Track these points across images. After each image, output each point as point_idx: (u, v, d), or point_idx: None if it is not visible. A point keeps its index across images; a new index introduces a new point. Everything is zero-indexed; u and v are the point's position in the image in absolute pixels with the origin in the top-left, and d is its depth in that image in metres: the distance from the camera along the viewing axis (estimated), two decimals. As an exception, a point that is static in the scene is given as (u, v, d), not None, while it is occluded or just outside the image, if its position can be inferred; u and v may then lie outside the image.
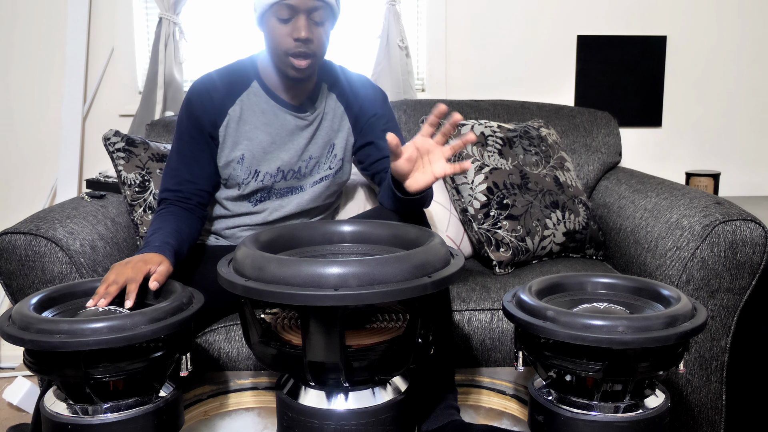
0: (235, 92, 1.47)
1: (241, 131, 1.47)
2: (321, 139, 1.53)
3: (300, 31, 1.34)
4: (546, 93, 2.35)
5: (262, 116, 1.48)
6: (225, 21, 2.35)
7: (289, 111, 1.49)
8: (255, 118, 1.48)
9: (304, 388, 1.11)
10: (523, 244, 1.77)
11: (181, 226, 1.38)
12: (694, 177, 2.25)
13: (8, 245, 1.43)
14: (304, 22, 1.35)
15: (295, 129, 1.50)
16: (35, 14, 2.30)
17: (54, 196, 2.35)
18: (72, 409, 1.07)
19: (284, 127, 1.49)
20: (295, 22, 1.35)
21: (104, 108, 2.36)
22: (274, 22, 1.37)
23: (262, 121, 1.48)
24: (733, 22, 2.35)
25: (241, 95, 1.48)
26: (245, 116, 1.47)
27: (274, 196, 1.54)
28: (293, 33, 1.35)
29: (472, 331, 1.54)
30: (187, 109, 1.47)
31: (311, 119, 1.51)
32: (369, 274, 0.97)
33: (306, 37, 1.35)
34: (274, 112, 1.48)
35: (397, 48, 2.27)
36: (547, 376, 1.12)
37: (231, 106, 1.47)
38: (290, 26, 1.36)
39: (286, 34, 1.36)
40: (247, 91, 1.48)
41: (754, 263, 1.49)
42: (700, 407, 1.58)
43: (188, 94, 1.48)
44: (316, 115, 1.52)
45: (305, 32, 1.34)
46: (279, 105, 1.49)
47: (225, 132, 1.47)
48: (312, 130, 1.51)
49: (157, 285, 1.18)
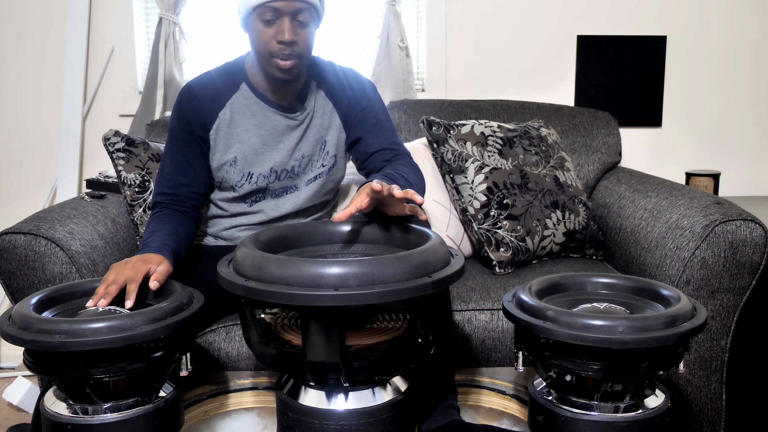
0: (225, 95, 1.47)
1: (232, 134, 1.47)
2: (312, 137, 1.53)
3: (284, 33, 1.35)
4: (546, 93, 2.35)
5: (253, 118, 1.48)
6: (225, 21, 2.35)
7: (278, 112, 1.49)
8: (245, 120, 1.48)
9: (304, 388, 1.11)
10: (523, 244, 1.77)
11: (177, 228, 1.38)
12: (694, 177, 2.25)
13: (8, 245, 1.43)
14: (288, 24, 1.35)
15: (285, 129, 1.50)
16: (35, 14, 2.30)
17: (54, 196, 2.35)
18: (72, 409, 1.07)
19: (275, 128, 1.49)
20: (279, 24, 1.35)
21: (104, 108, 2.36)
22: (258, 25, 1.36)
23: (252, 123, 1.48)
24: (733, 22, 2.35)
25: (231, 98, 1.47)
26: (235, 119, 1.47)
27: (269, 197, 1.54)
28: (277, 35, 1.35)
29: (472, 331, 1.54)
30: (178, 114, 1.47)
31: (301, 119, 1.51)
32: (369, 274, 0.97)
33: (290, 39, 1.35)
34: (264, 113, 1.48)
35: (397, 48, 2.27)
36: (547, 376, 1.12)
37: (221, 109, 1.47)
38: (274, 28, 1.36)
39: (270, 37, 1.36)
40: (236, 94, 1.48)
41: (754, 263, 1.49)
42: (700, 407, 1.58)
43: (178, 98, 1.48)
44: (306, 114, 1.52)
45: (289, 35, 1.35)
46: (268, 106, 1.49)
47: (216, 135, 1.47)
48: (302, 129, 1.51)
49: (158, 285, 1.18)
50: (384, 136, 1.52)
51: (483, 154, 1.85)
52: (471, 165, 1.84)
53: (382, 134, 1.52)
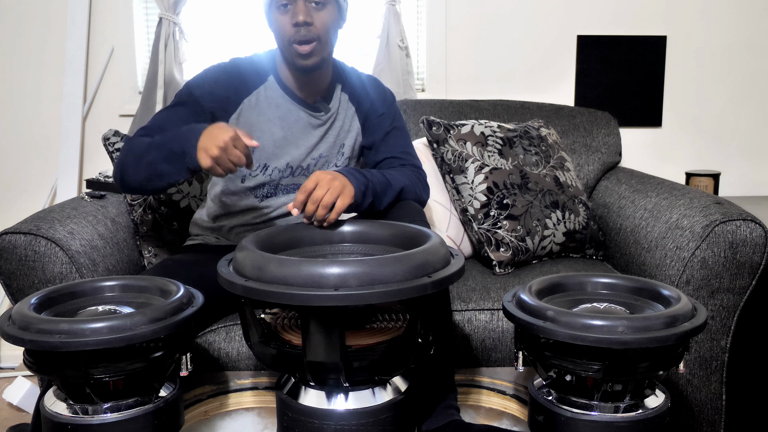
0: (252, 84, 1.49)
1: (254, 123, 1.48)
2: (332, 138, 1.54)
3: (298, 15, 1.36)
4: (546, 93, 2.35)
5: (277, 110, 1.49)
6: (225, 21, 2.35)
7: (303, 108, 1.50)
8: (270, 111, 1.49)
9: (304, 388, 1.11)
10: (523, 244, 1.77)
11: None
12: (694, 177, 2.25)
13: (8, 245, 1.43)
14: (302, 7, 1.37)
15: (307, 126, 1.51)
16: (35, 14, 2.30)
17: (54, 196, 2.35)
18: (72, 409, 1.07)
19: (297, 124, 1.50)
20: (294, 8, 1.37)
21: (104, 108, 2.36)
22: (276, 14, 1.40)
23: (276, 115, 1.49)
24: (733, 22, 2.35)
25: (258, 88, 1.49)
26: (260, 108, 1.49)
27: (280, 192, 1.54)
28: (292, 19, 1.37)
29: (472, 331, 1.54)
30: (201, 80, 1.46)
31: (324, 119, 1.52)
32: (369, 274, 0.97)
33: (304, 20, 1.36)
34: (289, 107, 1.50)
35: (397, 48, 2.27)
36: (547, 376, 1.12)
37: (246, 96, 1.48)
38: (289, 13, 1.38)
39: (286, 23, 1.38)
40: (264, 85, 1.50)
41: (754, 263, 1.49)
42: (700, 407, 1.58)
43: (210, 69, 1.48)
44: (330, 116, 1.53)
45: (303, 16, 1.36)
46: (294, 101, 1.50)
47: (237, 122, 1.48)
48: (324, 129, 1.53)
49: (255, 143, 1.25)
50: (396, 144, 1.55)
51: (483, 154, 1.85)
52: (471, 165, 1.84)
53: (395, 142, 1.55)
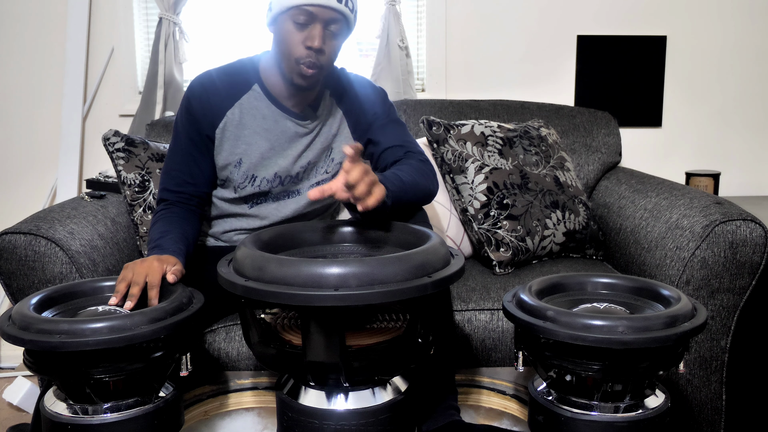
0: (235, 94, 1.45)
1: (239, 135, 1.45)
2: (319, 144, 1.51)
3: (314, 39, 1.32)
4: (546, 93, 2.35)
5: (263, 121, 1.46)
6: (225, 21, 2.35)
7: (290, 117, 1.47)
8: (255, 122, 1.46)
9: (304, 388, 1.11)
10: (523, 244, 1.77)
11: (186, 229, 1.39)
12: (694, 177, 2.25)
13: (8, 245, 1.43)
14: (320, 31, 1.32)
15: (294, 136, 1.48)
16: (35, 14, 2.30)
17: (54, 196, 2.35)
18: (72, 409, 1.07)
19: (284, 134, 1.47)
20: (311, 29, 1.32)
21: (104, 108, 2.36)
22: (290, 26, 1.33)
23: (262, 127, 1.46)
24: (733, 22, 2.35)
25: (241, 98, 1.45)
26: (245, 120, 1.45)
27: (271, 200, 1.53)
28: (306, 41, 1.33)
29: (472, 331, 1.54)
30: (186, 110, 1.46)
31: (311, 127, 1.49)
32: (369, 274, 0.97)
33: (319, 47, 1.32)
34: (275, 117, 1.46)
35: (397, 48, 2.27)
36: (548, 376, 1.12)
37: (230, 107, 1.44)
38: (305, 33, 1.33)
39: (299, 41, 1.33)
40: (247, 94, 1.45)
41: (754, 263, 1.49)
42: (700, 407, 1.58)
43: (187, 94, 1.47)
44: (317, 123, 1.49)
45: (319, 42, 1.32)
46: (280, 111, 1.46)
47: (222, 134, 1.45)
48: (311, 137, 1.50)
49: (175, 278, 1.19)
50: (394, 134, 1.49)
51: (483, 154, 1.85)
52: (471, 165, 1.84)
53: (393, 132, 1.49)
